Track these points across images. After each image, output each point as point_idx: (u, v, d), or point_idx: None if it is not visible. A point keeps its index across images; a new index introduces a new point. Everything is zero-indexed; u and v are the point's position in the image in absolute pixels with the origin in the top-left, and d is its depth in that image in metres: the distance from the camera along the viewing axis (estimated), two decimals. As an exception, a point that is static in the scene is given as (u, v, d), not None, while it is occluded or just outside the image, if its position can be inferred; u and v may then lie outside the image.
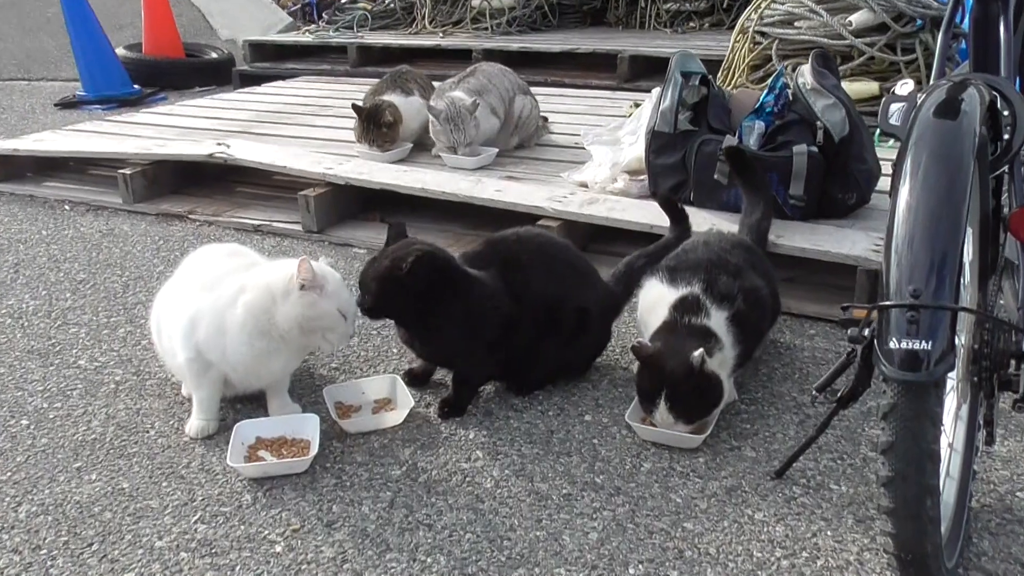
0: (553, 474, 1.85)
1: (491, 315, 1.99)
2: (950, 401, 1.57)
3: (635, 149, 3.03)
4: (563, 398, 2.14)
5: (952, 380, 1.55)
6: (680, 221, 2.37)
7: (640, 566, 1.58)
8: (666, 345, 1.90)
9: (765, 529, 1.67)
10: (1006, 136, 1.60)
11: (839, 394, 1.54)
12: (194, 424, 2.00)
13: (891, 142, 3.21)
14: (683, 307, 1.96)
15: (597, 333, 2.19)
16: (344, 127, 3.73)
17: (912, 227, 1.28)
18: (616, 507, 1.74)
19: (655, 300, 2.02)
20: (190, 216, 3.44)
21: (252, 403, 2.11)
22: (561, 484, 1.81)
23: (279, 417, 2.00)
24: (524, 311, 2.04)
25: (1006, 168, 1.65)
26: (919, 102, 1.41)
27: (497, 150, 3.45)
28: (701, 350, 1.83)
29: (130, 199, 3.57)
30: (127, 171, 3.57)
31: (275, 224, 3.30)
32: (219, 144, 3.60)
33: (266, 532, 1.69)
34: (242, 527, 1.71)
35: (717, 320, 1.94)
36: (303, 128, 4.03)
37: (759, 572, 1.56)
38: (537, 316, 2.05)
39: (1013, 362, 1.42)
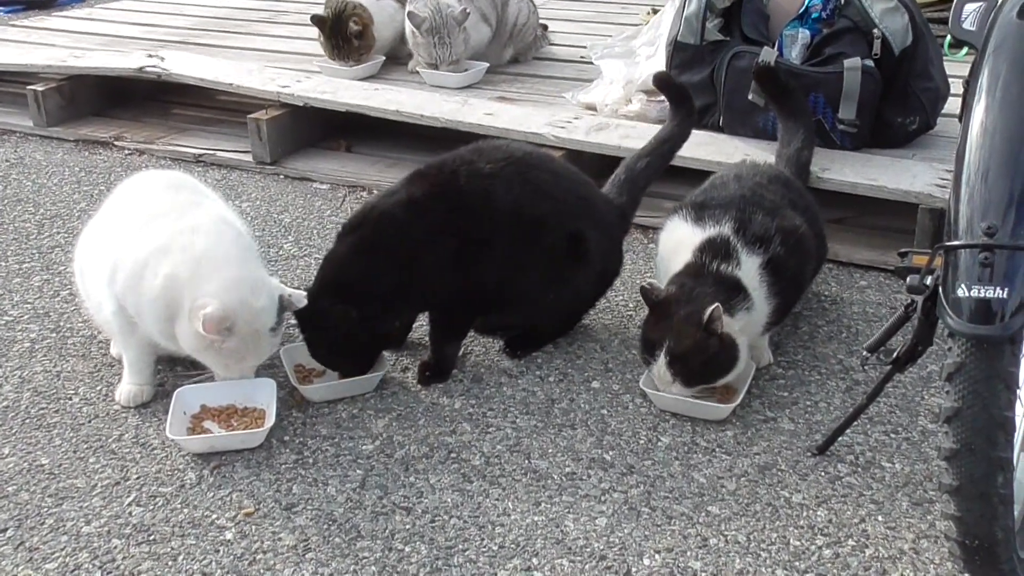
0: (554, 450, 1.86)
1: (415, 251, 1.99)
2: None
3: (653, 64, 2.99)
4: (566, 361, 2.14)
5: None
6: (681, 103, 2.36)
7: (656, 556, 1.60)
8: (680, 292, 1.90)
9: (804, 513, 1.69)
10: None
11: (895, 354, 1.55)
12: (125, 390, 2.00)
13: (964, 52, 3.18)
14: (710, 251, 1.96)
15: (601, 259, 2.15)
16: (305, 36, 3.68)
17: (988, 153, 1.27)
18: (628, 488, 1.75)
19: (677, 242, 2.02)
20: (117, 143, 3.40)
21: (197, 364, 2.09)
22: (564, 461, 1.82)
23: (228, 382, 1.99)
24: (488, 229, 2.02)
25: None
26: (1000, 1, 1.39)
27: (487, 65, 3.41)
28: (717, 305, 1.83)
29: (43, 122, 3.53)
30: (38, 87, 3.52)
31: (220, 154, 3.27)
32: (151, 56, 3.55)
33: (214, 516, 1.70)
34: (185, 510, 1.71)
35: (749, 268, 1.94)
36: (255, 38, 3.98)
37: (796, 563, 1.58)
38: (510, 237, 2.03)
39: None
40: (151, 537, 1.65)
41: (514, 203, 2.04)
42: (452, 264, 2.01)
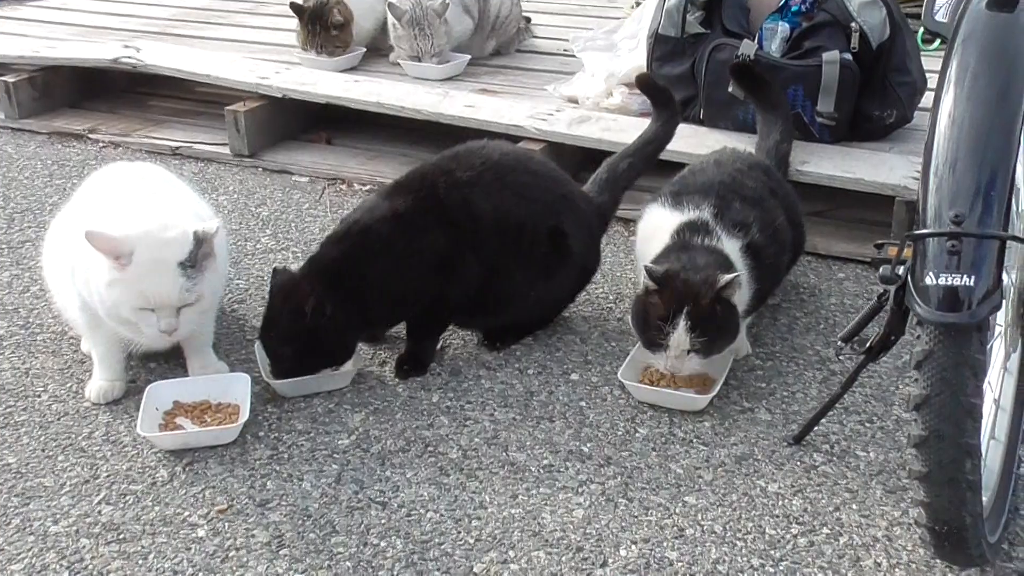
0: (532, 442, 1.88)
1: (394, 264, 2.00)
2: (996, 351, 1.61)
3: (635, 57, 3.01)
4: (545, 354, 2.16)
5: (999, 326, 1.59)
6: (665, 105, 2.38)
7: (633, 547, 1.63)
8: (679, 263, 1.91)
9: (780, 503, 1.71)
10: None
11: (868, 344, 1.57)
12: (96, 386, 2.00)
13: (937, 44, 3.21)
14: (689, 231, 1.98)
15: (581, 255, 2.19)
16: (286, 28, 3.68)
17: (956, 143, 1.29)
18: (606, 479, 1.77)
19: (655, 227, 2.05)
20: (91, 135, 3.40)
21: (169, 360, 2.12)
22: (541, 454, 1.84)
23: (201, 377, 2.01)
24: (470, 238, 2.04)
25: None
26: (970, -8, 1.41)
27: (469, 57, 3.42)
28: (737, 274, 1.86)
29: (15, 113, 3.52)
30: (10, 79, 3.51)
31: (197, 146, 3.27)
32: (127, 47, 3.54)
33: (186, 514, 1.71)
34: (156, 508, 1.72)
35: (730, 250, 1.96)
36: (235, 29, 3.98)
37: (772, 552, 1.61)
38: (493, 242, 2.06)
39: (1073, 304, 1.45)
40: (121, 536, 1.66)
41: (494, 210, 2.07)
42: (434, 275, 2.04)
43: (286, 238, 2.71)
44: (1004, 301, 1.53)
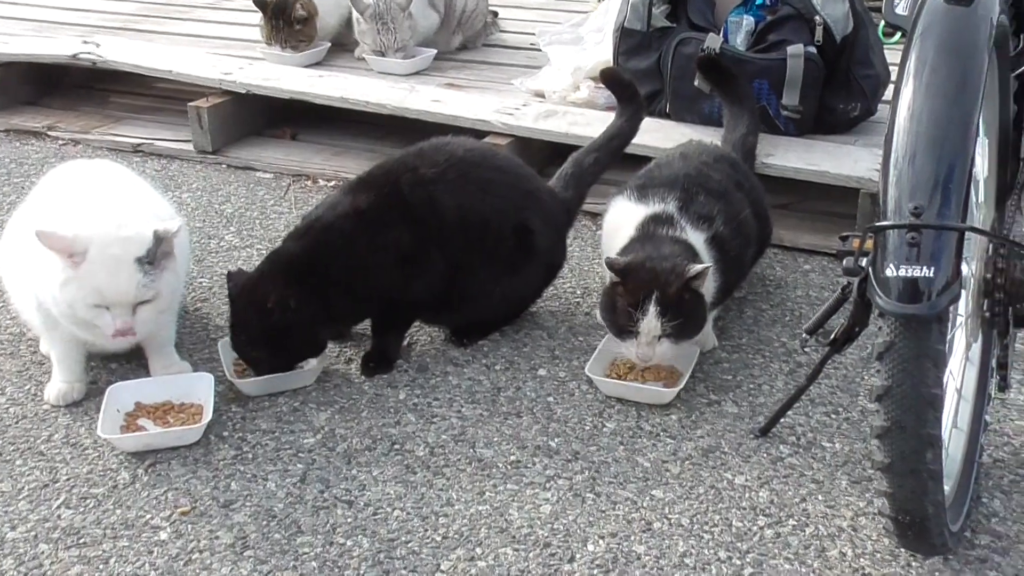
0: (499, 438, 1.87)
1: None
2: (958, 341, 1.63)
3: (601, 51, 3.02)
4: (513, 349, 2.16)
5: (960, 316, 1.60)
6: (629, 100, 2.39)
7: (601, 542, 1.63)
8: (645, 254, 1.91)
9: (747, 495, 1.72)
10: (1030, 28, 1.63)
11: (832, 336, 1.58)
12: (55, 388, 1.97)
13: (897, 38, 3.24)
14: (654, 223, 1.99)
15: (547, 251, 2.19)
16: (250, 23, 3.64)
17: (915, 136, 1.30)
18: (573, 474, 1.78)
19: (620, 220, 2.05)
20: (50, 133, 3.34)
21: (131, 360, 2.09)
22: (509, 450, 1.84)
23: (163, 378, 1.99)
24: (435, 234, 2.04)
25: (1030, 66, 1.68)
26: (929, -15, 1.42)
27: (435, 52, 3.41)
28: (707, 264, 1.87)
29: (-31, 111, 3.46)
30: (-37, 75, 3.45)
31: (160, 143, 3.23)
32: (86, 43, 3.49)
33: (148, 516, 1.69)
34: (118, 511, 1.70)
35: (695, 241, 1.97)
36: (198, 24, 3.93)
37: (738, 544, 1.62)
38: (458, 239, 2.06)
39: (1031, 294, 1.46)
40: (81, 540, 1.63)
41: (459, 207, 2.06)
42: (398, 273, 2.03)
43: (250, 235, 2.69)
44: (964, 292, 1.55)
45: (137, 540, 1.64)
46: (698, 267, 1.86)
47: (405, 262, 2.03)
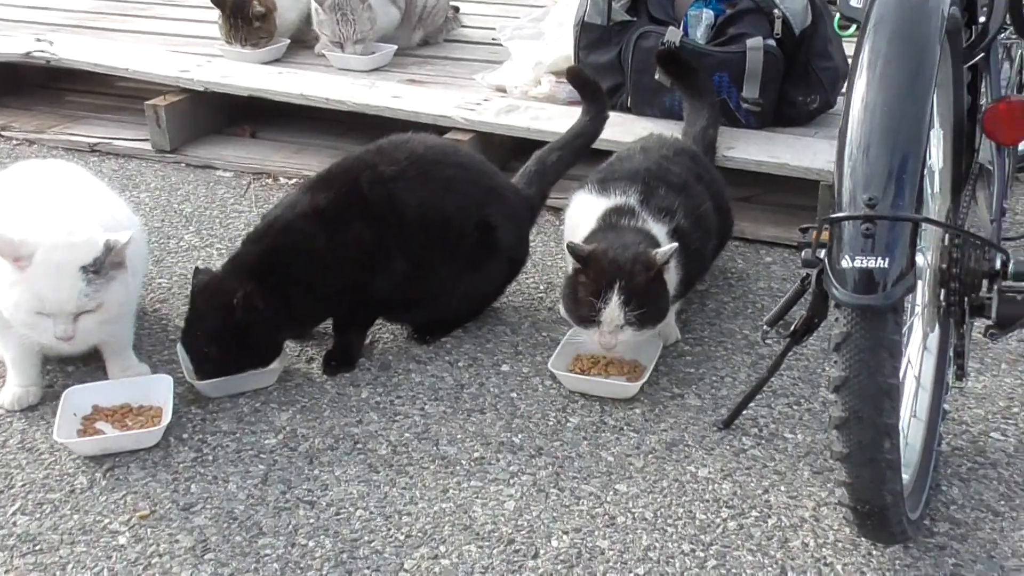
0: (463, 435, 1.87)
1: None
2: (916, 330, 1.64)
3: (562, 45, 3.01)
4: (476, 346, 2.15)
5: (918, 307, 1.62)
6: (594, 99, 2.40)
7: (564, 537, 1.63)
8: (609, 243, 1.91)
9: (710, 487, 1.73)
10: (982, 19, 1.64)
11: (792, 328, 1.59)
12: (9, 392, 1.94)
13: (852, 30, 3.27)
14: (615, 215, 1.99)
15: (510, 247, 2.19)
16: (209, 20, 3.60)
17: (869, 128, 1.31)
18: (537, 470, 1.77)
19: (582, 213, 2.06)
20: (4, 133, 3.29)
21: (88, 363, 2.06)
22: (472, 446, 1.84)
23: (121, 380, 1.97)
24: (395, 232, 2.03)
25: (983, 58, 1.70)
26: (881, -23, 1.43)
27: (395, 47, 3.39)
28: (674, 245, 1.88)
29: (-80, 112, 3.39)
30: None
31: (117, 142, 3.19)
32: (39, 40, 3.43)
33: (106, 521, 1.67)
34: (75, 516, 1.68)
35: (656, 233, 1.98)
36: (156, 22, 3.88)
37: (702, 536, 1.62)
38: (419, 237, 2.05)
39: (985, 283, 1.48)
40: (37, 547, 1.61)
41: (419, 205, 2.05)
42: (359, 272, 2.02)
43: (210, 235, 2.66)
44: (920, 282, 1.56)
45: (95, 545, 1.61)
46: (666, 248, 1.86)
47: (365, 260, 2.01)
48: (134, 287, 1.96)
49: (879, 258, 1.25)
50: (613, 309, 1.85)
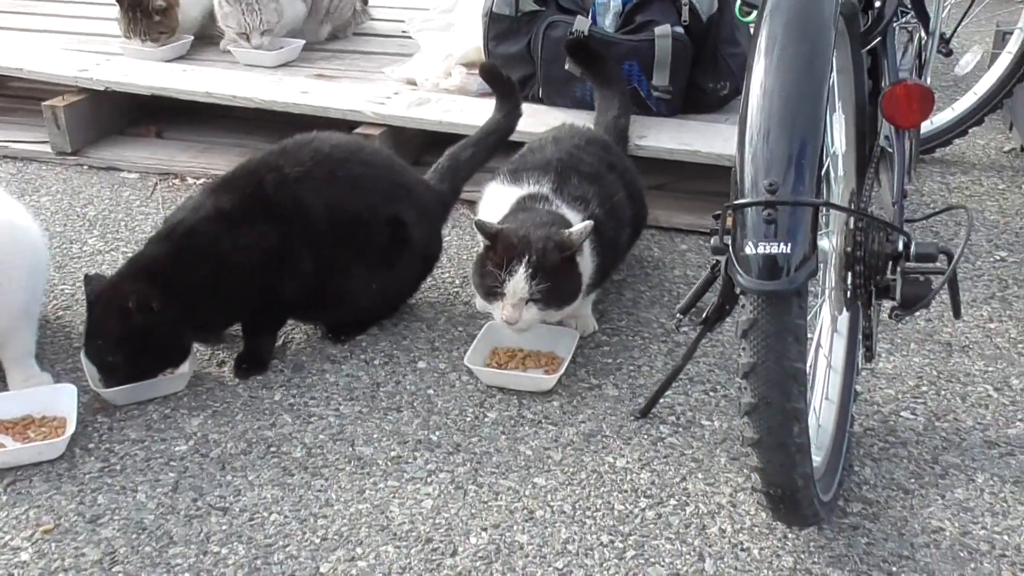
0: (379, 435, 1.84)
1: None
2: (824, 314, 1.67)
3: (472, 36, 2.98)
4: (392, 343, 2.13)
5: (826, 290, 1.64)
6: (507, 95, 2.40)
7: (483, 534, 1.62)
8: (520, 222, 1.91)
9: (628, 477, 1.74)
10: (878, 4, 1.67)
11: (704, 315, 1.60)
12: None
13: (752, 16, 3.30)
14: (530, 200, 1.99)
15: (423, 244, 2.17)
16: (109, 16, 3.49)
17: (767, 114, 1.32)
18: (455, 467, 1.76)
19: (494, 204, 2.05)
20: None
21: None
22: (389, 446, 1.81)
23: (22, 391, 1.90)
24: (302, 234, 1.99)
25: (880, 42, 1.73)
26: (777, -37, 1.44)
27: (303, 42, 3.32)
28: (589, 222, 1.87)
29: None
30: None
31: (14, 145, 3.08)
32: (-75, 40, 3.29)
33: (7, 538, 1.61)
34: (-25, 534, 1.62)
35: (571, 219, 1.97)
36: (50, 19, 3.73)
37: (620, 527, 1.63)
38: (327, 237, 2.02)
39: (890, 265, 1.51)
40: (-66, 567, 1.55)
41: (327, 205, 2.01)
42: (265, 275, 1.98)
43: (115, 238, 2.58)
44: (826, 266, 1.59)
45: (-6, 566, 1.55)
46: (581, 227, 1.86)
47: (272, 263, 1.97)
48: (39, 288, 1.89)
49: (781, 243, 1.26)
50: (518, 281, 1.83)
